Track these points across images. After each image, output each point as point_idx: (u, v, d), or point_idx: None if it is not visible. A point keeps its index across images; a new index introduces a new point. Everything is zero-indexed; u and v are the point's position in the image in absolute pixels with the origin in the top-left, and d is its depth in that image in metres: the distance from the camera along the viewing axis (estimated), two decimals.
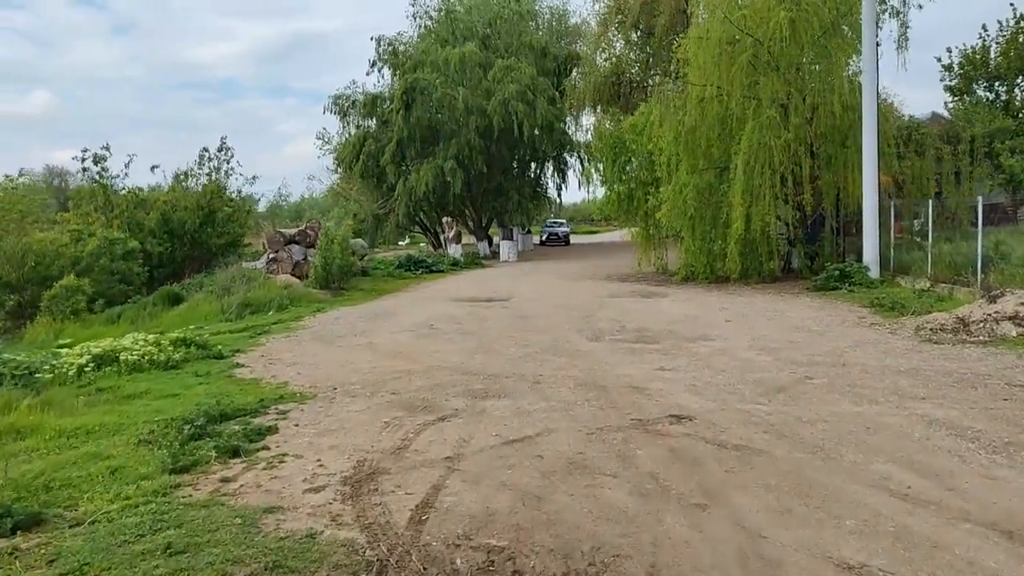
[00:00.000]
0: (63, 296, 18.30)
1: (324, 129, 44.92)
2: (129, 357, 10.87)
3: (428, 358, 10.98)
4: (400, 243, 54.07)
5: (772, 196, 19.94)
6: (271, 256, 22.86)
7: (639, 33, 32.49)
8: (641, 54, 34.02)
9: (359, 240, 29.13)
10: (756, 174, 19.73)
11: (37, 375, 10.53)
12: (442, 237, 36.08)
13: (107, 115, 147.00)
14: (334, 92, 38.65)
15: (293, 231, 23.65)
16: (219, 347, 12.67)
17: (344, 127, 39.34)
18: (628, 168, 25.75)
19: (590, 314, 15.58)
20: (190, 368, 10.98)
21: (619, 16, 32.16)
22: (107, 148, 24.11)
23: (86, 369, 10.77)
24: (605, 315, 15.46)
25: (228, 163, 25.72)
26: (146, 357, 11.09)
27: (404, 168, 37.00)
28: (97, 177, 23.83)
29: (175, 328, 17.03)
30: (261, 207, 63.94)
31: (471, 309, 16.83)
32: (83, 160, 23.74)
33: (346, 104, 38.69)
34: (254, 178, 26.39)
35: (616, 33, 33.40)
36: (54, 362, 10.95)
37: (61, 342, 16.75)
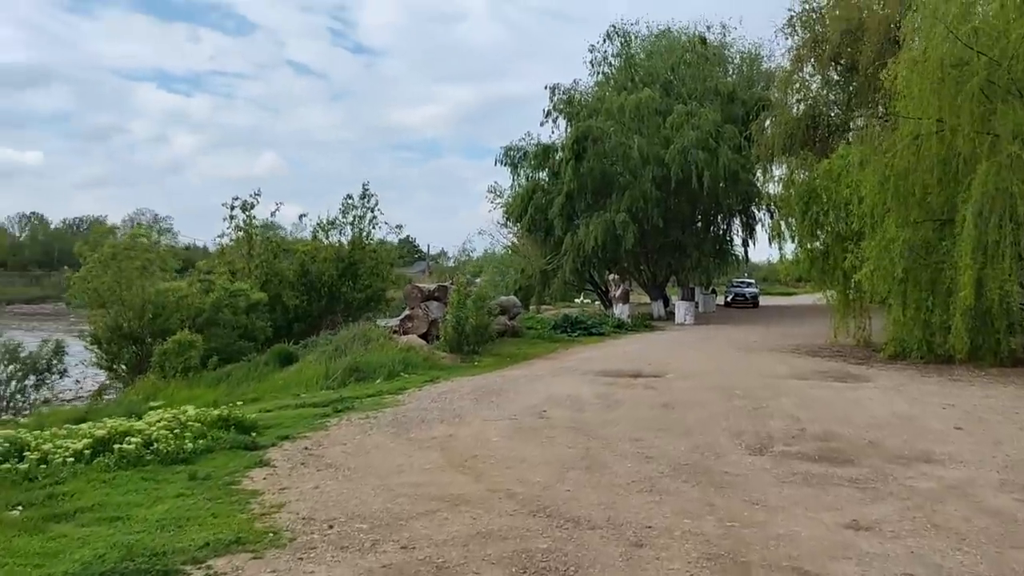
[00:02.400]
0: (174, 351, 16.58)
1: (496, 183, 42.85)
2: (126, 446, 8.28)
3: (501, 474, 7.63)
4: (576, 300, 51.05)
5: (1014, 256, 15.15)
6: (406, 313, 20.41)
7: (839, 68, 28.03)
8: (841, 93, 29.41)
9: (511, 298, 26.26)
10: (991, 228, 15.05)
11: (24, 456, 8.18)
12: (609, 295, 32.64)
13: (324, 175, 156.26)
14: (505, 144, 36.35)
15: (432, 286, 21.13)
16: (269, 430, 10.00)
17: (514, 179, 37.04)
18: (822, 221, 21.31)
19: (760, 405, 11.63)
20: (200, 464, 8.23)
21: (816, 51, 27.84)
22: (257, 195, 22.91)
23: (84, 453, 8.32)
24: (780, 407, 11.47)
25: (372, 212, 23.80)
26: (154, 444, 8.48)
27: (573, 221, 34.04)
28: (243, 224, 22.55)
29: (276, 393, 14.85)
30: (450, 263, 63.49)
31: (607, 389, 13.28)
32: (231, 208, 22.61)
33: (517, 155, 36.38)
34: (399, 227, 24.04)
35: (812, 70, 29.06)
36: (50, 444, 8.57)
37: (153, 404, 14.86)
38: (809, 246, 21.85)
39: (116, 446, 8.32)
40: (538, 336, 23.50)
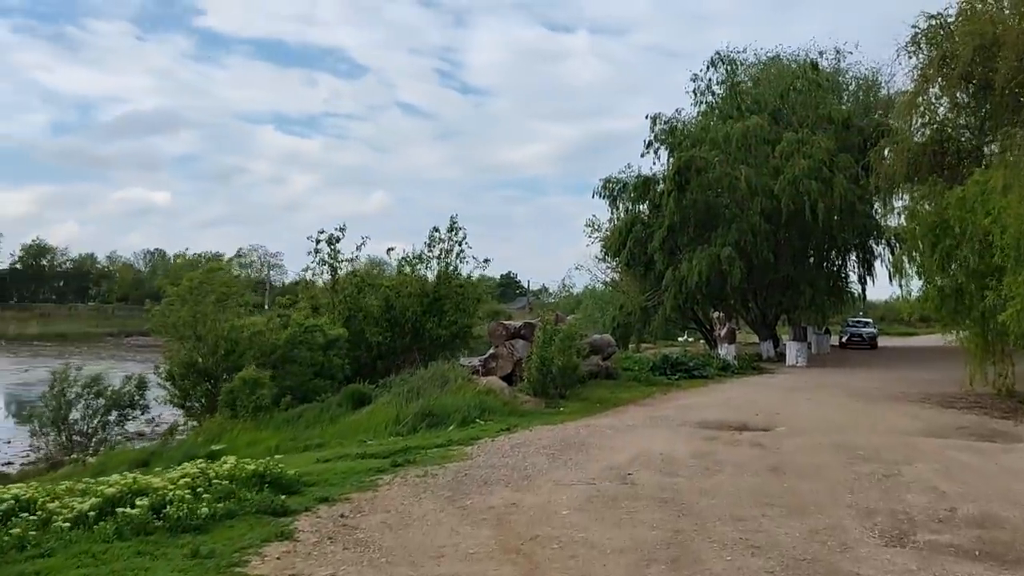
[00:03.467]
0: (242, 390, 15.64)
1: (594, 216, 41.12)
2: (131, 511, 7.07)
3: (563, 566, 6.01)
4: (678, 339, 48.63)
5: None
6: (490, 352, 19.01)
7: (970, 88, 25.29)
8: (972, 116, 26.54)
9: (605, 336, 24.51)
10: None
11: (20, 517, 7.11)
12: (714, 334, 30.42)
13: (430, 212, 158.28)
14: (604, 176, 34.76)
15: (518, 323, 19.65)
16: (310, 489, 8.71)
17: (613, 212, 35.33)
18: (954, 255, 18.78)
19: (891, 472, 9.58)
20: (213, 534, 6.93)
21: (943, 70, 25.21)
22: (342, 229, 22.06)
23: (88, 516, 7.17)
24: (918, 476, 9.41)
25: (460, 245, 22.57)
26: (167, 508, 7.25)
27: (675, 256, 32.06)
28: (327, 259, 21.76)
29: (342, 438, 13.73)
30: (551, 299, 61.99)
31: (706, 445, 11.42)
32: (316, 241, 21.85)
33: (616, 188, 34.70)
34: (486, 261, 22.64)
35: (939, 91, 26.34)
36: (56, 503, 7.47)
37: (215, 447, 13.91)
38: (938, 282, 19.32)
39: (121, 510, 7.14)
40: (634, 378, 21.64)
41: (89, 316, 74.69)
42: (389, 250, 22.94)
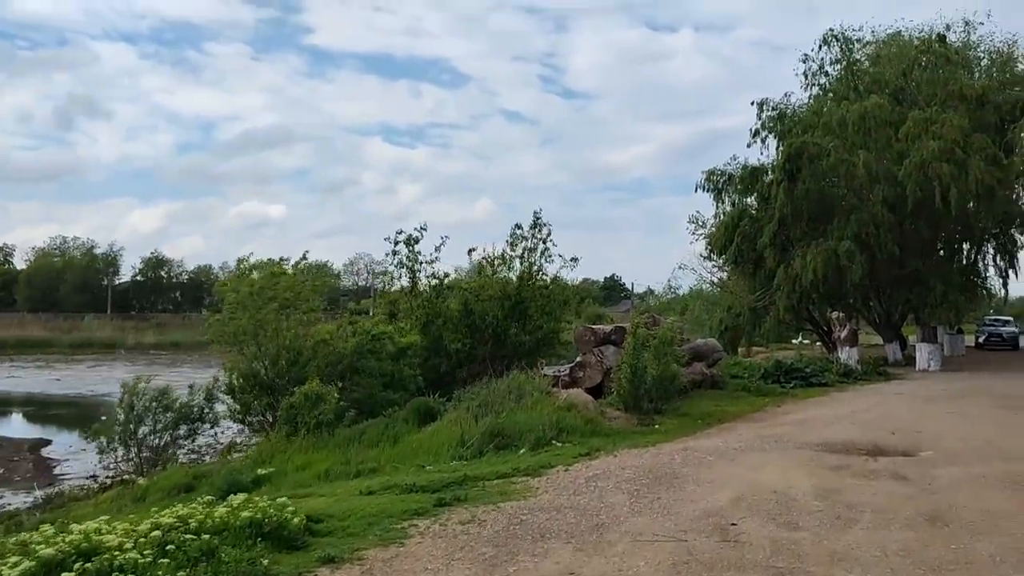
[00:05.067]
0: (303, 405, 14.01)
1: (698, 212, 38.09)
2: None
3: None
4: (792, 341, 44.98)
5: None
6: (578, 360, 16.83)
7: None
8: None
9: (710, 341, 21.84)
10: None
11: None
12: (833, 337, 27.16)
13: (544, 223, 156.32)
14: (708, 168, 31.96)
15: (608, 328, 17.36)
16: (323, 539, 6.85)
17: (718, 207, 32.41)
18: None
19: None
20: None
21: None
22: (423, 229, 20.31)
23: None
24: None
25: (544, 243, 20.34)
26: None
27: (787, 252, 28.99)
28: (406, 260, 20.03)
29: (400, 461, 11.92)
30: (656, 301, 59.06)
31: (833, 478, 8.91)
32: (395, 243, 20.16)
33: (720, 180, 31.79)
34: (574, 260, 20.26)
35: None
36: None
37: (262, 471, 12.31)
38: None
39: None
40: (743, 388, 19.00)
41: (202, 325, 76.19)
42: (470, 251, 21.01)
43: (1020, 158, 25.50)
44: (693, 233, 38.62)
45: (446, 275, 20.09)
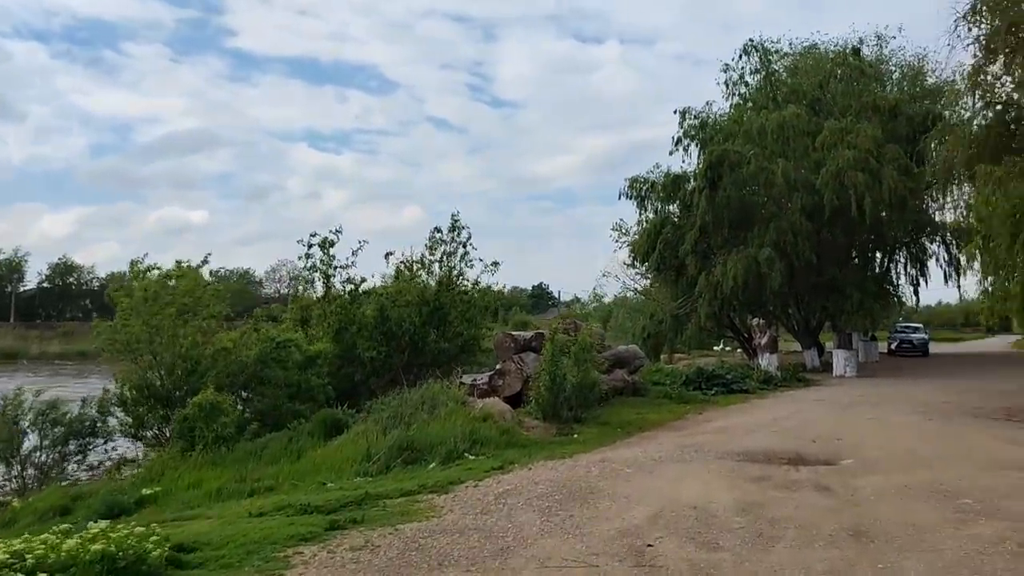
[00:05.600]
0: (198, 417, 12.94)
1: (621, 220, 37.94)
2: None
3: None
4: (714, 348, 45.29)
5: None
6: (497, 367, 16.16)
7: None
8: None
9: (631, 347, 21.44)
10: None
11: None
12: (753, 343, 27.13)
13: (463, 226, 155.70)
14: (631, 175, 31.78)
15: (529, 334, 16.73)
16: (191, 573, 5.96)
17: (641, 214, 32.24)
18: None
19: None
20: None
21: (1008, 41, 21.96)
22: (338, 231, 19.33)
23: None
24: None
25: (464, 247, 19.59)
26: None
27: (708, 259, 28.96)
28: (320, 264, 19.02)
29: (299, 478, 10.98)
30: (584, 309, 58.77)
31: (756, 491, 8.43)
32: (308, 245, 19.13)
33: (643, 188, 31.62)
34: (495, 265, 19.47)
35: (1002, 68, 22.99)
36: None
37: (147, 490, 11.23)
38: (1021, 279, 16.11)
39: None
40: (664, 395, 18.62)
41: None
42: (388, 255, 20.04)
43: (930, 169, 25.90)
44: (617, 241, 38.49)
45: (363, 280, 19.01)
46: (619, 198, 32.11)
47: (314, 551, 6.56)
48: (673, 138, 31.82)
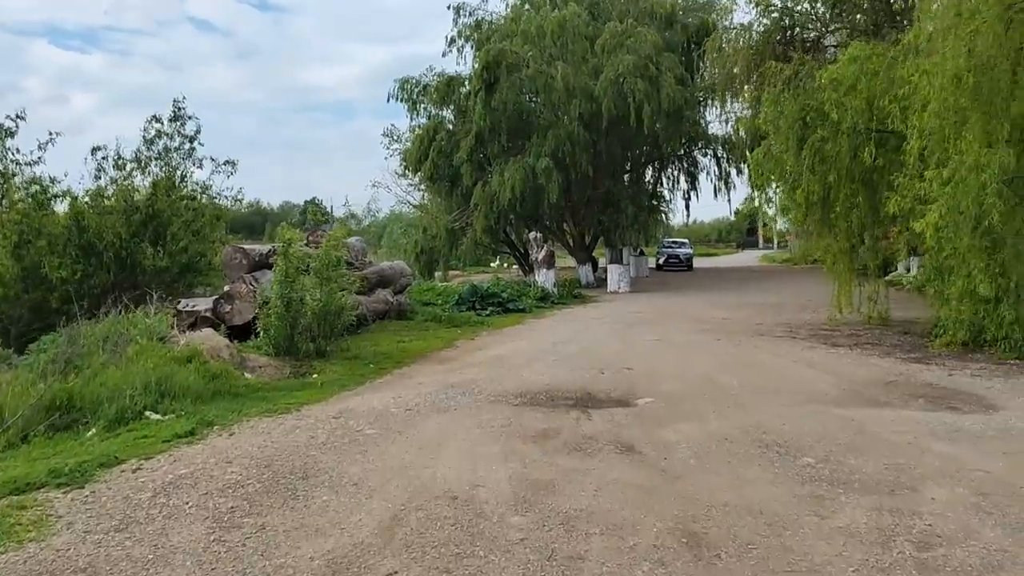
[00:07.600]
0: None
1: (392, 125, 34.70)
2: None
3: None
4: (491, 264, 43.69)
5: None
6: (225, 289, 12.73)
7: None
8: (816, 2, 22.56)
9: (397, 264, 18.64)
10: None
11: None
12: (530, 259, 25.35)
13: (232, 137, 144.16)
14: (401, 77, 28.47)
15: (265, 248, 13.38)
16: None
17: (413, 119, 29.17)
18: (827, 152, 14.40)
19: (898, 517, 4.61)
20: None
21: None
22: (19, 117, 14.66)
23: None
24: (948, 525, 4.46)
25: (191, 142, 15.62)
26: None
27: (485, 169, 26.63)
28: None
29: None
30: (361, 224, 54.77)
31: (538, 464, 5.98)
32: None
33: (416, 90, 28.52)
34: (229, 163, 15.68)
35: None
36: None
37: None
38: (807, 185, 14.89)
39: None
40: (433, 317, 16.13)
41: None
42: (95, 150, 15.47)
43: (709, 75, 24.95)
44: (387, 148, 35.24)
45: (54, 181, 14.53)
46: (388, 100, 28.85)
47: None
48: (447, 37, 28.89)
